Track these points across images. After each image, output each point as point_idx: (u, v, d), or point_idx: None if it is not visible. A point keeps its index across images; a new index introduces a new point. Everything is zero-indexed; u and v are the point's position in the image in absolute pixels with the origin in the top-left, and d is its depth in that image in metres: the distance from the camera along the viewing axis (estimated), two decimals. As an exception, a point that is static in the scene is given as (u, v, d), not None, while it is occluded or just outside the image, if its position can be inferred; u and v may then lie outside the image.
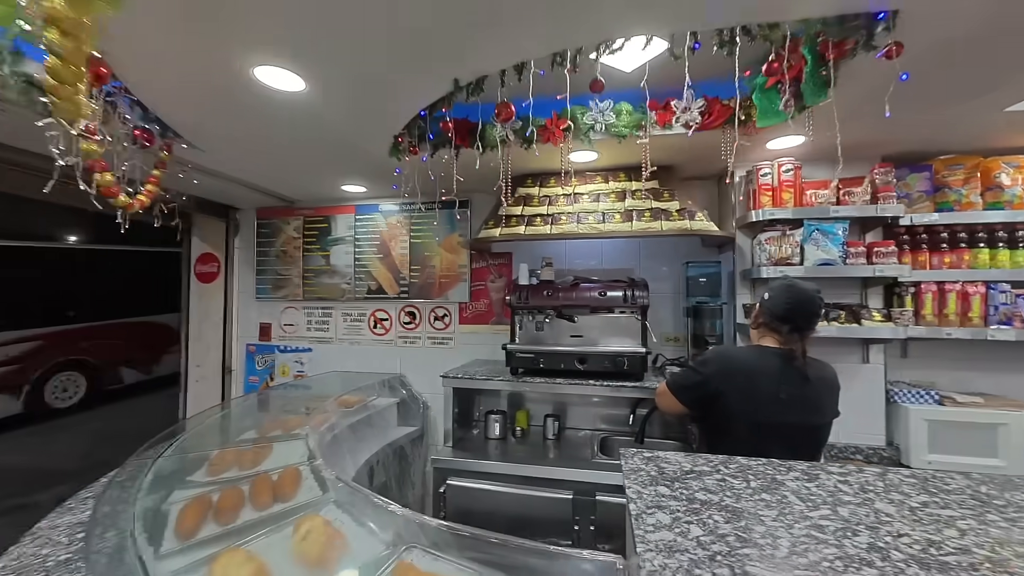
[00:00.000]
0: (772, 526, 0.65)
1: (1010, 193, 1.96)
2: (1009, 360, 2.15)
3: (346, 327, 3.13)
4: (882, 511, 0.72)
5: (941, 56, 1.25)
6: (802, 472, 0.90)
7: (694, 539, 0.62)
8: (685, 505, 0.73)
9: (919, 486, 0.86)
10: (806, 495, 0.78)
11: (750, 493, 0.78)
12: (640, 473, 0.87)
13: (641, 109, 1.83)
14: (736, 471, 0.90)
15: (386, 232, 3.03)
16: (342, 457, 2.05)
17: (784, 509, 0.71)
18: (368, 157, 2.14)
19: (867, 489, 0.83)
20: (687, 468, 0.91)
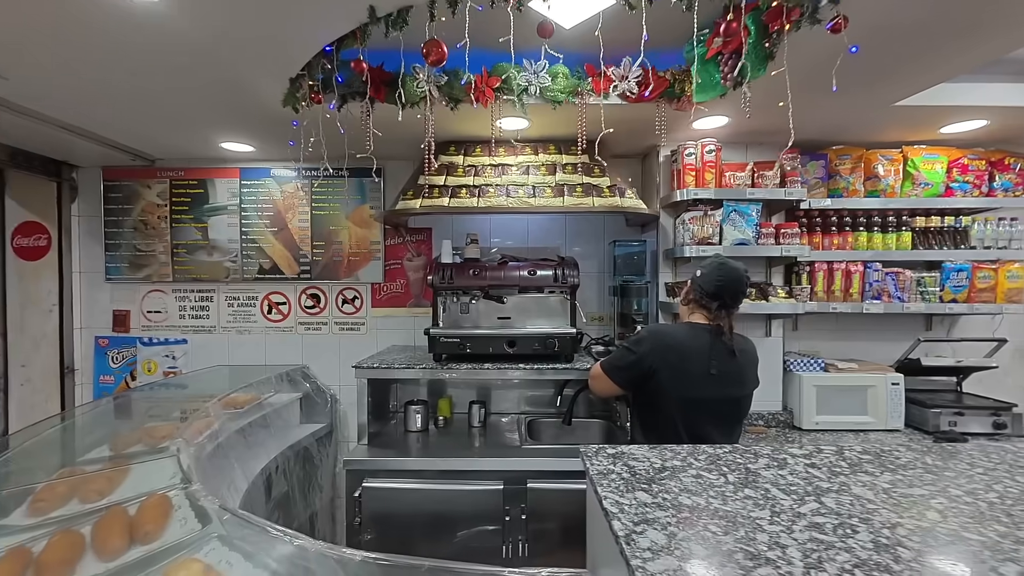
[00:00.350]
0: (772, 532, 0.58)
1: (884, 183, 2.21)
2: (877, 330, 2.48)
3: (232, 313, 2.65)
4: (862, 497, 0.70)
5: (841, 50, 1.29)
6: (770, 459, 0.86)
7: (700, 563, 0.53)
8: (673, 515, 0.64)
9: (876, 463, 0.87)
10: (785, 486, 0.74)
11: (732, 491, 0.72)
12: (611, 476, 0.76)
13: (578, 74, 1.71)
14: (708, 463, 0.84)
15: (281, 202, 2.59)
16: (229, 470, 1.71)
17: (774, 507, 0.65)
18: (255, 104, 1.74)
19: (836, 471, 0.82)
20: (658, 464, 0.82)
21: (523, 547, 1.86)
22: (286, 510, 2.15)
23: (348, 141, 1.81)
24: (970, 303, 2.23)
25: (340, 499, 2.62)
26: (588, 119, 1.77)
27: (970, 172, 2.21)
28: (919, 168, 2.21)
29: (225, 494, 1.55)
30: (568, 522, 1.85)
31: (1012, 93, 1.81)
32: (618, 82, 1.66)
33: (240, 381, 2.26)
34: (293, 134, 1.69)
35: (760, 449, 0.91)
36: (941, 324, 2.54)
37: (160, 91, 1.69)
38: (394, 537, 1.86)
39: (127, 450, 1.58)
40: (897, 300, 2.24)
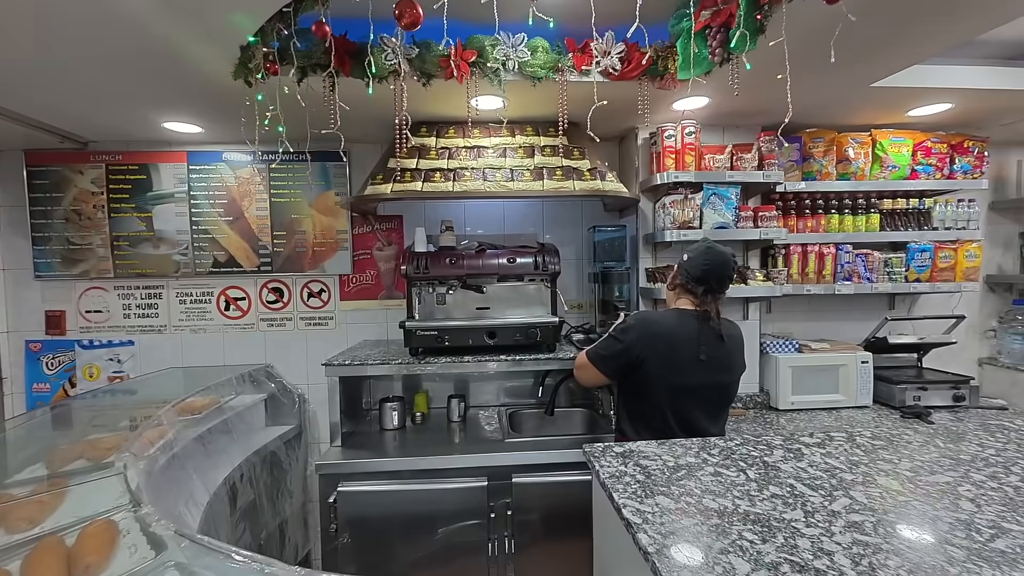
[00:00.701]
0: (812, 536, 0.54)
1: (855, 165, 2.25)
2: (846, 310, 2.54)
3: (185, 311, 2.44)
4: (890, 488, 0.67)
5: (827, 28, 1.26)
6: (785, 450, 0.82)
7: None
8: (702, 522, 0.58)
9: (890, 448, 0.85)
10: (809, 480, 0.70)
11: (757, 489, 0.67)
12: (625, 479, 0.70)
13: (558, 49, 1.61)
14: (723, 459, 0.79)
15: (236, 188, 2.38)
16: (187, 483, 1.56)
17: (805, 506, 0.61)
18: (200, 77, 1.56)
19: (854, 461, 0.79)
20: (671, 463, 0.77)
21: (509, 543, 1.81)
22: (253, 520, 2.00)
23: (310, 120, 1.66)
24: (932, 282, 2.31)
25: (312, 504, 2.48)
26: (567, 98, 1.68)
27: (933, 155, 2.28)
28: (887, 151, 2.25)
29: (183, 511, 1.40)
30: (554, 515, 1.81)
31: (978, 76, 1.85)
32: (600, 57, 1.58)
33: (196, 384, 2.08)
34: (247, 111, 1.52)
35: (772, 440, 0.87)
36: (903, 303, 2.63)
37: (87, 62, 1.48)
38: (373, 542, 1.77)
39: (65, 467, 1.40)
40: (866, 281, 2.29)
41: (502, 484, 1.81)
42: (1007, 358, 2.57)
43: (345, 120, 1.60)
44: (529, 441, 1.93)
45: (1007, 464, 0.78)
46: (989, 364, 2.63)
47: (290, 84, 1.50)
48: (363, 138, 2.30)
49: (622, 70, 1.61)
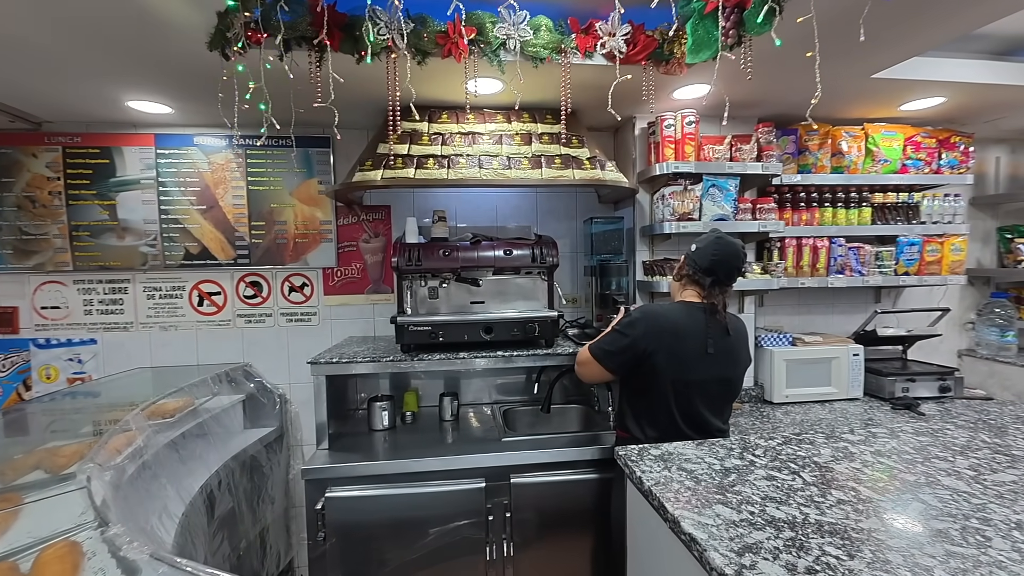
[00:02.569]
0: (900, 548, 0.48)
1: (848, 159, 2.25)
2: (838, 303, 2.57)
3: (153, 307, 2.27)
4: (958, 489, 0.63)
5: (842, 13, 1.23)
6: (831, 449, 0.77)
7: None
8: (773, 535, 0.52)
9: (938, 444, 0.81)
10: (871, 483, 0.65)
11: (819, 495, 0.61)
12: (672, 485, 0.63)
13: (561, 29, 1.54)
14: (771, 461, 0.73)
15: (210, 175, 2.22)
16: (160, 493, 1.42)
17: (879, 513, 0.56)
18: (170, 47, 1.41)
19: (908, 460, 0.74)
20: (717, 466, 0.71)
21: (508, 546, 1.74)
22: (232, 529, 1.87)
23: (295, 98, 1.54)
24: (920, 275, 2.35)
25: (295, 509, 2.36)
26: (564, 82, 1.61)
27: (922, 149, 2.31)
28: (879, 145, 2.26)
29: (156, 525, 1.28)
30: (553, 515, 1.75)
31: (971, 70, 1.87)
32: (606, 38, 1.51)
33: (168, 385, 1.93)
34: (224, 87, 1.39)
35: (814, 437, 0.83)
36: (888, 296, 2.68)
37: (37, 28, 1.32)
38: (364, 549, 1.67)
39: (19, 480, 1.26)
40: (858, 274, 2.31)
41: (500, 485, 1.74)
42: (985, 349, 2.64)
43: (327, 104, 1.48)
44: (527, 440, 1.86)
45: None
46: (968, 355, 2.70)
47: (271, 58, 1.38)
48: (349, 123, 2.18)
49: (628, 53, 1.54)
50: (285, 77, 1.39)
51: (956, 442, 0.86)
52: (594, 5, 1.52)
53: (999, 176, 2.72)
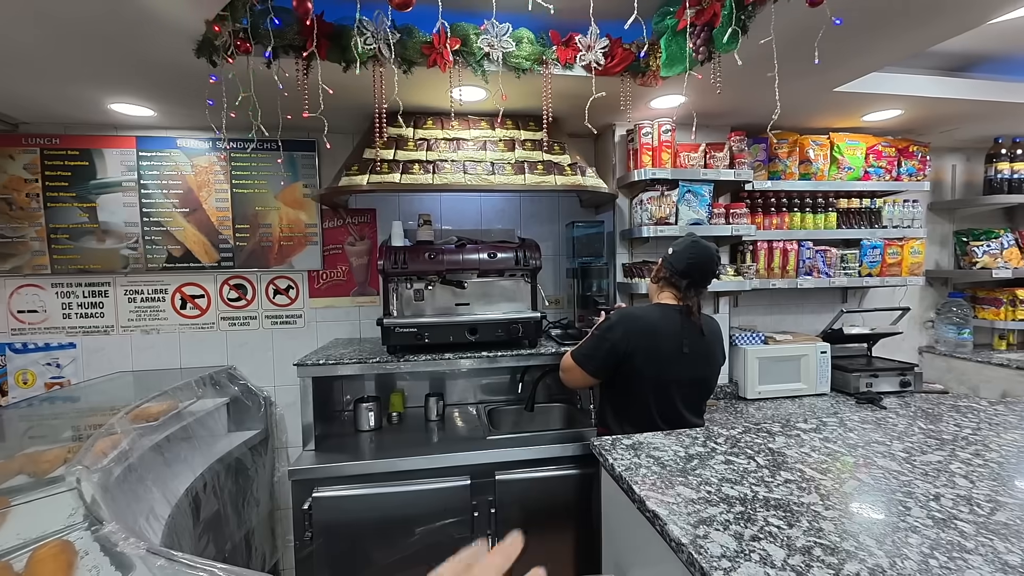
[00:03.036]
0: (834, 518, 0.55)
1: (815, 166, 2.37)
2: (807, 303, 2.69)
3: (135, 310, 2.25)
4: (889, 468, 0.70)
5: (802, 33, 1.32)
6: (784, 436, 0.85)
7: (786, 566, 0.48)
8: (726, 510, 0.59)
9: (880, 431, 0.89)
10: (816, 465, 0.73)
11: (770, 475, 0.68)
12: (641, 471, 0.69)
13: (542, 41, 1.60)
14: (731, 447, 0.80)
15: (193, 178, 2.22)
16: (146, 496, 1.43)
17: (819, 490, 0.63)
18: (156, 51, 1.43)
19: (849, 443, 0.82)
20: (682, 453, 0.77)
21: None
22: (218, 531, 1.88)
23: (281, 105, 1.57)
24: (882, 277, 2.48)
25: (281, 511, 2.36)
26: (546, 92, 1.67)
27: (883, 158, 2.44)
28: (843, 153, 2.39)
29: (144, 526, 1.29)
30: (537, 511, 1.80)
31: (925, 84, 1.99)
32: (584, 51, 1.58)
33: (151, 389, 1.92)
34: (212, 91, 1.41)
35: (771, 427, 0.90)
36: (854, 296, 2.82)
37: (17, 27, 1.32)
38: (351, 548, 1.70)
39: (3, 484, 1.25)
40: (825, 276, 2.43)
41: (485, 482, 1.78)
42: (943, 346, 2.80)
43: (316, 107, 1.52)
44: (511, 438, 1.92)
45: (984, 442, 0.85)
46: (928, 352, 2.86)
47: (259, 66, 1.41)
48: (334, 128, 2.20)
49: (606, 65, 1.61)
50: (272, 83, 1.42)
51: (896, 429, 0.94)
52: (574, 19, 1.58)
53: (955, 183, 2.89)
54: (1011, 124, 2.45)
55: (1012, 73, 2.10)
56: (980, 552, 0.54)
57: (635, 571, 0.70)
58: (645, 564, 0.65)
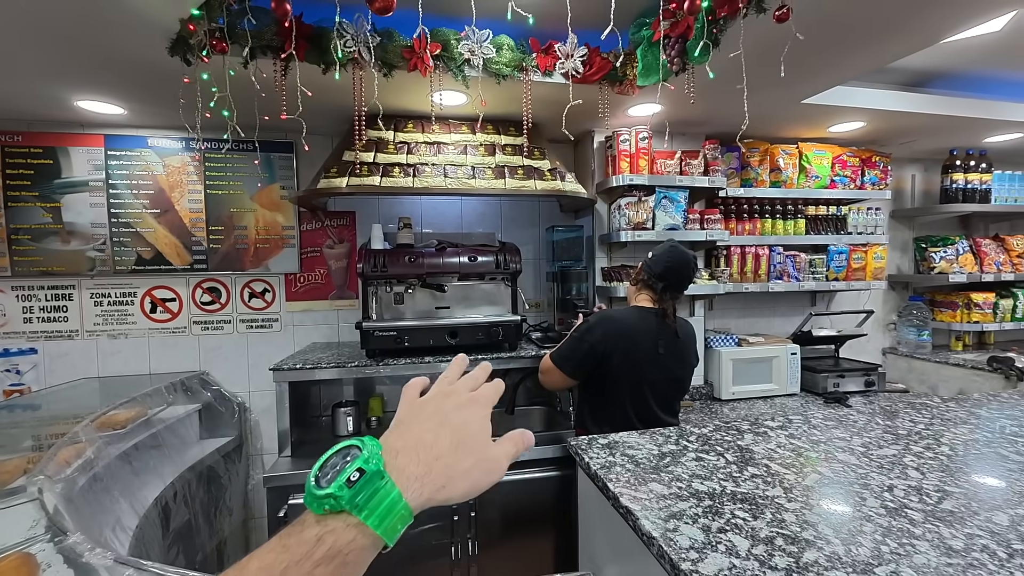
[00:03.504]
0: (795, 510, 0.58)
1: (785, 174, 2.46)
2: (779, 306, 2.78)
3: (101, 314, 2.17)
4: (848, 462, 0.74)
5: (770, 48, 1.38)
6: (752, 433, 0.88)
7: (750, 555, 0.50)
8: (695, 505, 0.61)
9: (841, 427, 0.94)
10: (781, 460, 0.76)
11: (738, 471, 0.71)
12: (615, 469, 0.71)
13: (522, 48, 1.62)
14: (702, 445, 0.83)
15: (165, 178, 2.16)
16: (113, 506, 1.39)
17: (783, 483, 0.66)
18: (126, 47, 1.39)
19: (814, 440, 0.86)
20: (655, 451, 0.79)
21: (472, 545, 1.78)
22: (188, 542, 1.82)
23: (258, 105, 1.55)
24: (848, 281, 2.59)
25: (255, 520, 2.31)
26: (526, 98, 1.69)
27: (848, 167, 2.55)
28: (811, 162, 2.49)
29: (110, 537, 1.24)
30: (517, 513, 1.81)
31: (885, 99, 2.10)
32: (564, 60, 1.61)
33: (118, 395, 1.86)
34: (185, 91, 1.38)
35: (741, 425, 0.93)
36: (822, 299, 2.92)
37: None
38: (329, 555, 1.67)
39: (-44, 497, 1.19)
40: (794, 280, 2.52)
41: (465, 485, 1.78)
42: (904, 347, 2.93)
43: (292, 110, 1.50)
44: (491, 440, 1.92)
45: (936, 436, 0.90)
46: (891, 353, 2.98)
47: (235, 66, 1.39)
48: (313, 129, 2.17)
49: (584, 73, 1.65)
50: (249, 83, 1.40)
51: (856, 425, 0.99)
52: (553, 28, 1.61)
53: (914, 192, 3.04)
54: (965, 137, 2.60)
55: (965, 89, 2.24)
56: (927, 538, 0.58)
57: (610, 567, 0.72)
58: (620, 559, 0.67)
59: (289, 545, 0.33)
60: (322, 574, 0.32)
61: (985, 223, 3.14)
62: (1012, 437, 0.88)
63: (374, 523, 0.34)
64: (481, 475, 0.42)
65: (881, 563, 0.53)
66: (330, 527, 0.34)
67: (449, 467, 0.39)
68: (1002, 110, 2.29)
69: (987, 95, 2.27)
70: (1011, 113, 2.31)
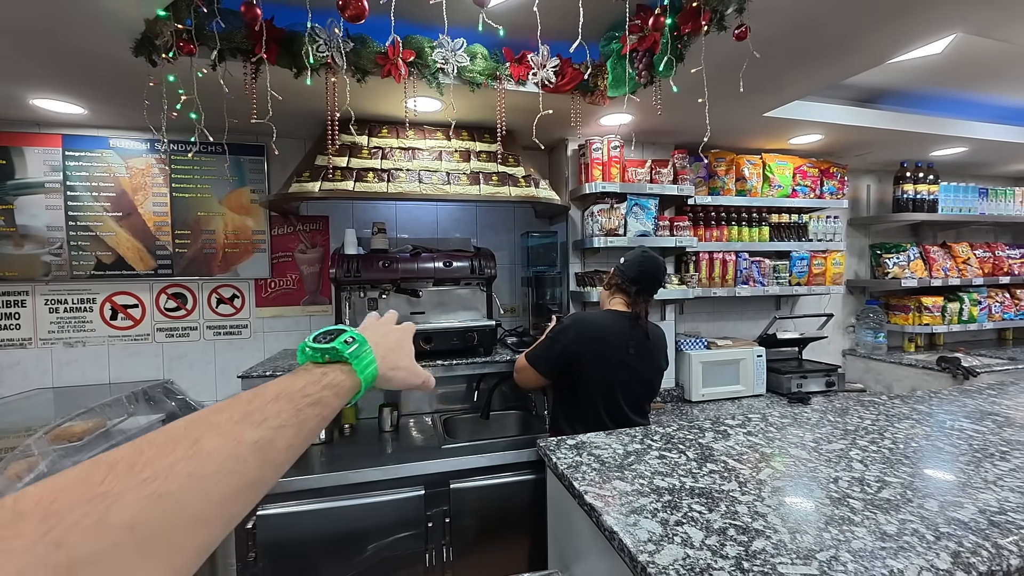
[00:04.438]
0: (748, 502, 0.62)
1: (750, 184, 2.57)
2: (746, 310, 2.88)
3: (57, 321, 2.08)
4: (800, 457, 0.78)
5: (732, 63, 1.45)
6: (713, 432, 0.92)
7: (703, 546, 0.53)
8: (655, 500, 0.63)
9: (795, 424, 0.99)
10: (737, 456, 0.80)
11: (698, 468, 0.74)
12: (582, 468, 0.74)
13: (495, 57, 1.65)
14: (665, 444, 0.86)
15: (127, 180, 2.09)
16: (69, 521, 1.32)
17: (738, 478, 0.70)
18: (87, 45, 1.35)
19: (769, 437, 0.90)
20: (620, 451, 0.82)
21: (447, 551, 1.78)
22: (150, 558, 1.75)
23: (227, 109, 1.53)
24: (809, 285, 2.71)
25: (222, 533, 2.23)
26: (500, 106, 1.72)
27: (808, 177, 2.68)
28: (774, 172, 2.60)
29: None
30: (492, 518, 1.82)
31: (841, 113, 2.22)
32: (537, 70, 1.64)
33: (74, 406, 1.78)
34: (150, 93, 1.35)
35: (703, 424, 0.97)
36: (787, 304, 3.05)
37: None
38: (299, 569, 1.64)
39: None
40: (760, 285, 2.62)
41: (439, 492, 1.78)
42: (862, 349, 3.08)
43: (263, 113, 1.49)
44: (466, 446, 1.92)
45: (880, 431, 0.96)
46: (850, 354, 3.13)
47: (204, 68, 1.37)
48: (285, 133, 2.15)
49: (556, 83, 1.69)
50: (217, 86, 1.38)
51: (809, 422, 1.05)
52: (525, 38, 1.65)
53: (869, 201, 3.21)
54: (914, 150, 2.77)
55: (913, 106, 2.39)
56: (865, 525, 0.63)
57: (577, 564, 0.74)
58: (585, 556, 0.69)
59: (299, 376, 0.45)
60: (326, 396, 0.44)
61: (933, 231, 3.34)
62: (948, 431, 0.95)
63: (360, 371, 0.49)
64: (409, 375, 0.59)
65: (823, 549, 0.57)
66: (331, 369, 0.47)
67: (396, 359, 0.57)
68: (945, 126, 2.46)
69: (933, 112, 2.44)
70: (954, 129, 2.48)
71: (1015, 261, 3.23)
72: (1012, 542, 0.60)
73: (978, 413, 1.09)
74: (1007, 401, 1.25)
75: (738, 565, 0.54)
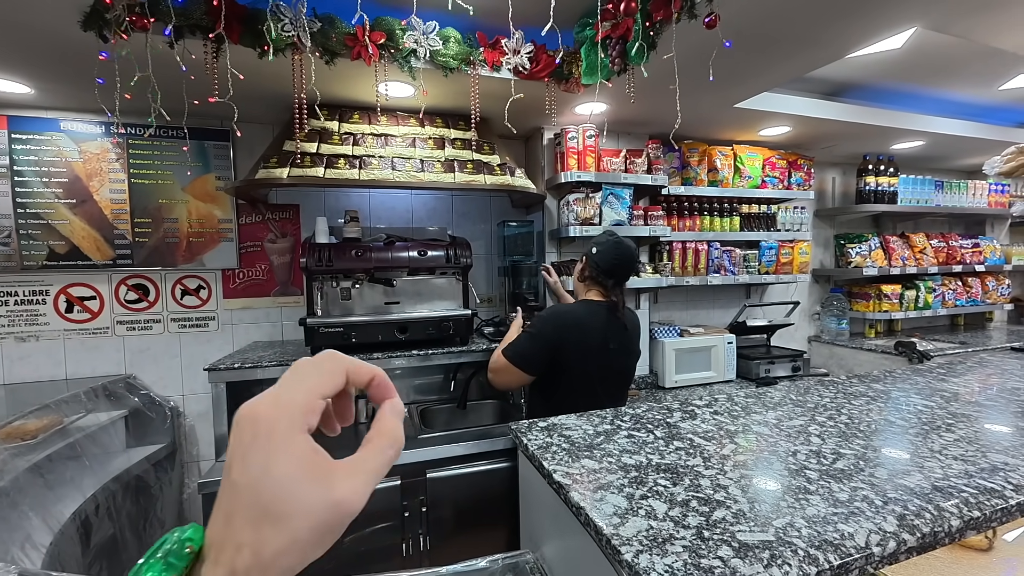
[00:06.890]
0: (711, 476, 0.64)
1: (721, 174, 2.62)
2: (718, 299, 2.95)
3: (7, 314, 1.97)
4: (762, 433, 0.81)
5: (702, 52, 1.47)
6: (681, 412, 0.94)
7: (666, 517, 0.54)
8: (622, 476, 0.65)
9: (759, 404, 1.02)
10: (703, 433, 0.82)
11: (665, 445, 0.76)
12: (552, 449, 0.74)
13: (469, 42, 1.63)
14: (634, 424, 0.87)
15: (81, 165, 1.99)
16: (22, 522, 1.27)
17: (703, 454, 0.72)
18: (31, 21, 1.27)
19: (734, 415, 0.93)
20: (591, 431, 0.83)
21: (424, 541, 1.78)
22: (113, 558, 1.70)
23: (186, 89, 1.46)
24: (777, 274, 2.79)
25: (191, 530, 2.17)
26: (477, 93, 1.71)
27: (777, 169, 2.75)
28: (744, 163, 2.66)
29: (18, 555, 1.14)
30: (469, 506, 1.82)
31: (808, 106, 2.28)
32: (511, 55, 1.63)
33: (27, 403, 1.70)
34: (102, 69, 1.28)
35: (671, 405, 0.99)
36: (756, 292, 3.14)
37: None
38: (272, 560, 1.61)
39: None
40: (731, 273, 2.69)
41: (416, 482, 1.77)
42: (827, 335, 3.20)
43: (229, 97, 1.43)
44: (442, 435, 1.92)
45: (838, 408, 1.00)
46: (815, 340, 3.25)
47: (160, 45, 1.30)
48: (251, 117, 2.08)
49: (531, 70, 1.68)
50: (175, 64, 1.32)
51: (772, 401, 1.09)
52: (498, 23, 1.63)
53: (834, 193, 3.32)
54: (875, 143, 2.87)
55: (875, 100, 2.47)
56: (819, 493, 0.66)
57: (548, 543, 0.75)
58: (555, 534, 0.70)
59: None
60: None
61: (893, 222, 3.48)
62: (898, 406, 1.00)
63: None
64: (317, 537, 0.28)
65: (779, 516, 0.59)
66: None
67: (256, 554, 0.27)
68: (904, 120, 2.56)
69: (893, 106, 2.53)
70: (912, 123, 2.58)
71: (967, 251, 3.40)
72: (953, 504, 0.64)
73: (928, 390, 1.16)
74: (955, 379, 1.33)
75: (699, 534, 0.56)
